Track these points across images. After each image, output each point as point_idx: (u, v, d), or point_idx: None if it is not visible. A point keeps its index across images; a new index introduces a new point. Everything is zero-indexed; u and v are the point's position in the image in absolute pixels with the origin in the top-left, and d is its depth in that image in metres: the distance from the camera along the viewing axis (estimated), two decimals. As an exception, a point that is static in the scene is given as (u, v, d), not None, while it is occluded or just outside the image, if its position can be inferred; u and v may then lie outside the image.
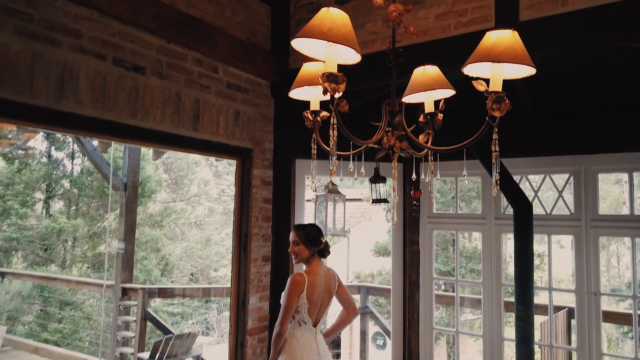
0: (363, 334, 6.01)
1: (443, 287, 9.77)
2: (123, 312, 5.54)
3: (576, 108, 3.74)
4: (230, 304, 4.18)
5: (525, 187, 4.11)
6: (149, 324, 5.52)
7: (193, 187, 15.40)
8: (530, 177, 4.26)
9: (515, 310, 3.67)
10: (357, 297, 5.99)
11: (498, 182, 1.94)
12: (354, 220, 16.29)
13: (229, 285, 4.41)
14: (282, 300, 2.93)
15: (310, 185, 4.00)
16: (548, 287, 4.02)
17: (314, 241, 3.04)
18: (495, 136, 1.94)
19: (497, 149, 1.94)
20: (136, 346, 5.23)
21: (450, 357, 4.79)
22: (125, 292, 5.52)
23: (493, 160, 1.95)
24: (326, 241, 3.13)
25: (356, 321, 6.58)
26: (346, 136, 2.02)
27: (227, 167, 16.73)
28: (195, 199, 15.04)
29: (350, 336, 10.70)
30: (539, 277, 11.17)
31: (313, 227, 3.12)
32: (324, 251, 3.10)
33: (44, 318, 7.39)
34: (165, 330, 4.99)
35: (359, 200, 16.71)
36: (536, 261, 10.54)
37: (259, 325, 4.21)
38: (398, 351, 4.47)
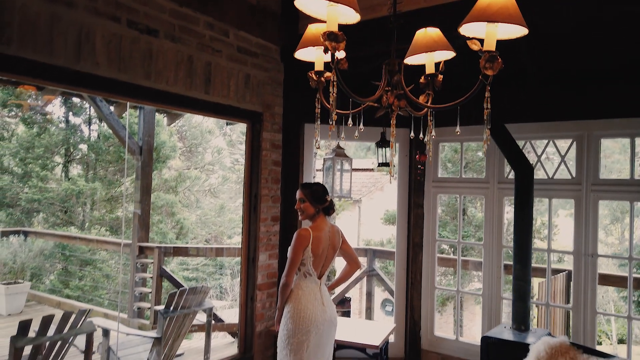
0: (369, 295, 6.22)
1: (452, 255, 9.93)
2: (140, 270, 5.83)
3: (581, 74, 3.76)
4: (241, 261, 4.38)
5: (529, 153, 4.20)
6: (164, 281, 5.81)
7: (207, 155, 15.60)
8: (534, 142, 4.32)
9: (513, 269, 3.82)
10: (364, 260, 6.18)
11: (488, 137, 2.05)
12: (366, 190, 16.43)
13: (239, 246, 4.61)
14: (289, 254, 3.10)
15: (315, 144, 4.13)
16: (547, 249, 4.14)
17: (319, 199, 3.19)
18: (487, 94, 2.04)
19: (489, 106, 2.04)
20: (153, 301, 5.53)
21: (457, 324, 4.99)
22: (142, 251, 5.79)
23: (485, 117, 2.05)
24: (331, 199, 3.27)
25: (364, 283, 6.80)
26: (346, 93, 2.13)
27: (241, 137, 16.85)
28: (209, 167, 15.26)
29: (360, 302, 10.99)
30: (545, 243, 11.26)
31: (318, 185, 3.26)
32: (329, 209, 3.24)
33: (65, 275, 7.77)
34: (180, 287, 5.25)
35: (371, 170, 16.79)
36: (545, 232, 10.62)
37: (268, 281, 4.42)
38: (401, 309, 4.67)
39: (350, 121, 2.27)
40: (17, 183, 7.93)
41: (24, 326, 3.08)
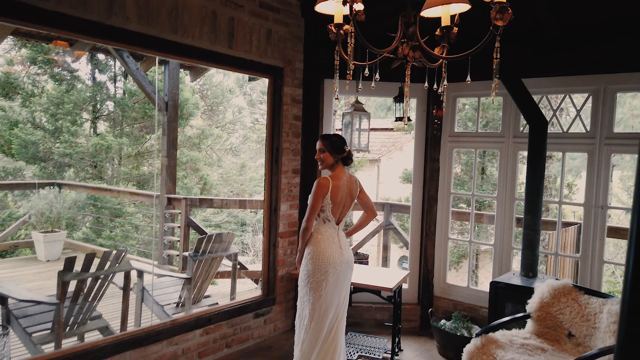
0: (385, 247, 6.47)
1: (467, 208, 10.07)
2: (169, 220, 6.16)
3: (598, 28, 3.77)
4: (264, 211, 4.63)
5: (546, 109, 4.26)
6: (191, 231, 6.15)
7: (228, 114, 15.77)
8: (551, 97, 4.37)
9: (524, 219, 3.97)
10: (380, 214, 6.39)
11: (497, 85, 2.17)
12: (385, 149, 16.49)
13: (262, 198, 4.84)
14: (309, 200, 3.30)
15: (334, 96, 4.26)
16: (558, 201, 4.27)
17: (338, 149, 3.36)
18: (497, 45, 2.15)
19: (498, 56, 2.15)
20: (181, 248, 5.88)
21: (469, 273, 5.17)
22: (169, 202, 6.10)
23: (494, 67, 2.17)
24: (349, 150, 3.44)
25: (381, 236, 7.04)
26: (363, 44, 2.26)
27: (261, 96, 16.93)
28: (230, 126, 15.45)
29: (377, 260, 11.32)
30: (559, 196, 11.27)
31: (337, 137, 3.42)
32: (347, 159, 3.42)
33: (98, 225, 8.22)
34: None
35: (390, 130, 16.77)
36: (565, 190, 10.64)
37: (289, 230, 4.67)
38: (415, 258, 4.89)
39: (367, 71, 2.40)
40: (49, 138, 8.28)
41: (70, 262, 3.41)
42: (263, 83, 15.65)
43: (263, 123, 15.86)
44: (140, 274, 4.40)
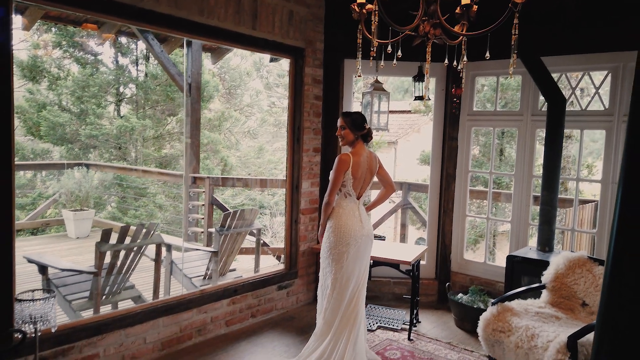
0: (403, 225, 6.60)
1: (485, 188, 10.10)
2: (193, 198, 6.37)
3: (618, 5, 3.78)
4: (286, 188, 4.78)
5: (565, 88, 4.29)
6: (215, 209, 6.35)
7: (245, 97, 15.90)
8: (570, 75, 4.39)
9: (541, 195, 4.06)
10: (399, 193, 6.51)
11: (514, 62, 2.26)
12: (402, 132, 16.48)
13: (283, 177, 4.99)
14: (330, 176, 3.43)
15: (356, 74, 4.35)
16: (576, 178, 4.33)
17: (359, 126, 3.47)
18: (515, 21, 2.23)
19: (517, 32, 2.24)
20: (205, 225, 6.09)
21: (486, 249, 5.24)
22: (194, 181, 6.30)
23: (512, 43, 2.26)
24: (369, 127, 3.55)
25: (399, 215, 7.16)
26: (386, 22, 2.36)
27: (277, 79, 17.00)
28: (247, 109, 15.60)
29: (394, 241, 11.46)
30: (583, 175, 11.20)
31: (358, 114, 3.54)
32: (367, 136, 3.53)
33: (124, 204, 8.51)
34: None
35: (408, 112, 16.72)
36: (585, 172, 10.59)
37: (310, 207, 4.83)
38: (433, 234, 5.01)
39: (389, 48, 2.50)
40: (75, 120, 8.54)
41: (106, 234, 3.62)
42: (280, 66, 15.71)
43: (280, 106, 15.99)
44: (169, 248, 4.61)
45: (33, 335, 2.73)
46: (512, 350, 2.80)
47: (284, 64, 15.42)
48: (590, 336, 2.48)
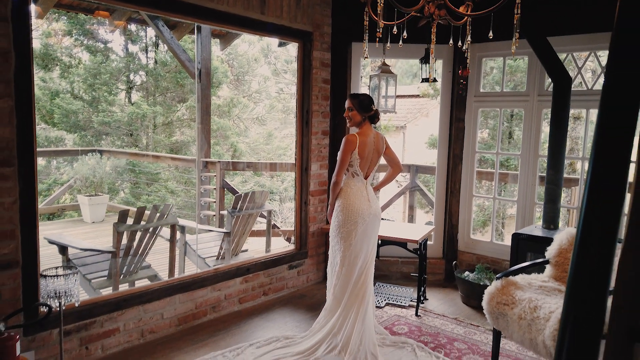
0: (411, 207, 6.69)
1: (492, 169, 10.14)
2: (205, 182, 6.51)
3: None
4: (295, 170, 4.88)
5: (571, 70, 4.31)
6: (226, 193, 6.48)
7: (253, 83, 15.93)
8: (576, 55, 4.42)
9: (547, 174, 4.12)
10: (407, 175, 6.59)
11: (517, 40, 2.33)
12: (411, 116, 16.46)
13: (292, 161, 5.09)
14: (338, 156, 3.52)
15: (363, 55, 4.40)
16: (581, 157, 4.38)
17: (366, 108, 3.55)
18: (518, 0, 2.29)
19: (519, 11, 2.30)
20: (217, 208, 6.23)
21: (493, 228, 5.32)
22: (205, 165, 6.43)
23: (515, 22, 2.32)
24: (376, 109, 3.62)
25: (407, 197, 7.25)
26: (392, 4, 2.43)
27: (285, 65, 17.00)
28: (256, 95, 15.64)
29: (403, 220, 11.56)
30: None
31: (365, 96, 3.61)
32: (374, 117, 3.61)
33: (137, 189, 8.68)
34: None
35: (417, 96, 16.67)
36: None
37: (319, 189, 4.93)
38: (440, 215, 5.10)
39: (395, 29, 2.57)
40: (87, 107, 8.68)
41: (123, 215, 3.75)
42: (287, 52, 15.69)
43: (288, 92, 16.01)
44: (183, 229, 4.75)
45: (58, 309, 2.89)
46: (516, 321, 2.90)
47: (291, 49, 15.41)
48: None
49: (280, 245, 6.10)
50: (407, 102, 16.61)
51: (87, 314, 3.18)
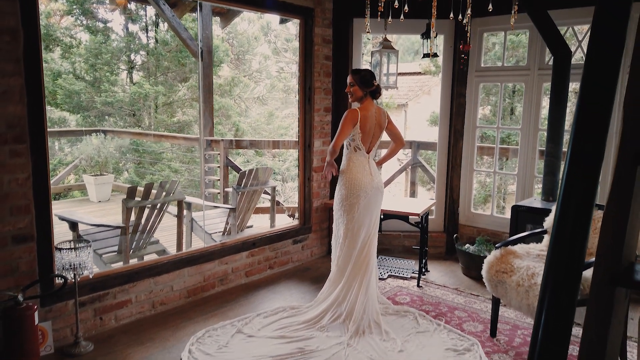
0: (413, 184, 6.77)
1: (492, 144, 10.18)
2: (209, 160, 6.59)
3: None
4: (298, 147, 4.95)
5: (573, 45, 4.33)
6: (230, 171, 6.57)
7: (254, 63, 15.86)
8: (576, 28, 4.43)
9: (546, 147, 4.19)
10: (408, 151, 6.65)
11: (515, 12, 2.37)
12: (412, 94, 16.41)
13: (295, 139, 5.16)
14: (339, 127, 3.55)
15: (365, 29, 4.42)
16: (580, 131, 4.43)
17: (367, 83, 3.60)
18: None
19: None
20: (221, 186, 6.33)
21: (493, 201, 5.37)
22: (209, 144, 6.50)
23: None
24: (378, 84, 3.67)
25: (408, 173, 7.32)
26: (393, -22, 2.46)
27: (285, 44, 16.89)
28: (256, 75, 15.59)
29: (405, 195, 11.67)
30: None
31: (367, 71, 3.65)
32: (376, 92, 3.66)
33: (141, 169, 8.78)
34: (244, 173, 5.99)
35: (418, 73, 16.60)
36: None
37: (322, 165, 5.00)
38: (441, 189, 5.19)
39: (396, 3, 2.61)
40: (90, 88, 8.71)
41: (132, 191, 3.85)
42: (287, 30, 15.57)
43: (288, 71, 15.94)
44: (189, 206, 4.85)
45: (73, 281, 3.00)
46: (514, 288, 3.01)
47: (292, 27, 15.28)
48: (586, 272, 2.67)
49: (284, 222, 6.20)
50: (409, 79, 16.54)
51: (100, 286, 3.30)
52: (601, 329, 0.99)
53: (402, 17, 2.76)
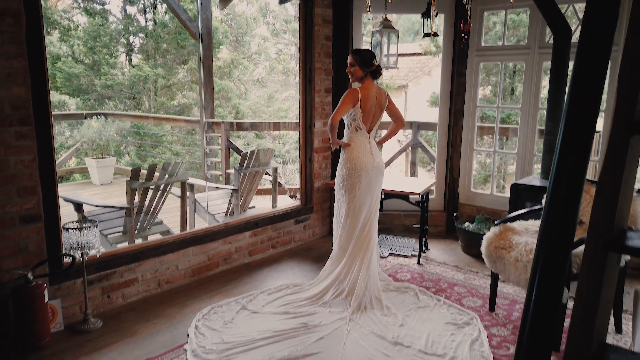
0: (413, 164, 6.81)
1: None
2: (210, 143, 6.62)
3: None
4: (299, 128, 4.98)
5: (573, 24, 4.32)
6: (231, 153, 6.60)
7: (253, 44, 15.75)
8: (577, 6, 4.42)
9: (545, 126, 4.22)
10: (409, 131, 6.67)
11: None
12: (412, 75, 16.35)
13: (295, 120, 5.17)
14: (338, 104, 3.58)
15: (366, 8, 4.41)
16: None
17: (368, 63, 3.61)
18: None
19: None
20: (223, 168, 6.37)
21: (492, 180, 5.43)
22: (210, 126, 6.52)
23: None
24: (378, 64, 3.69)
25: (409, 154, 7.36)
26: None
27: (284, 25, 16.75)
28: (255, 57, 15.50)
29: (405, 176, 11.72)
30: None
31: (367, 51, 3.67)
32: (376, 72, 3.67)
33: (143, 151, 8.81)
34: (245, 155, 6.02)
35: (419, 54, 16.50)
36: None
37: (323, 146, 5.04)
38: (441, 169, 5.23)
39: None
40: (89, 71, 8.69)
41: (135, 172, 3.89)
42: (286, 11, 15.42)
43: (287, 53, 15.83)
44: (192, 187, 4.90)
45: (81, 259, 3.07)
46: (512, 264, 3.07)
47: (290, 8, 15.14)
48: (581, 247, 2.73)
49: (286, 203, 6.26)
50: (409, 60, 16.45)
51: (107, 265, 3.36)
52: (593, 291, 1.05)
53: (402, -5, 2.76)
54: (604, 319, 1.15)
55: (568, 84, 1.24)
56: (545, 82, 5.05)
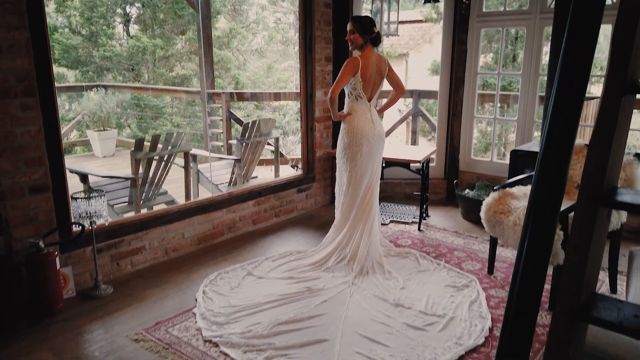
0: (414, 133, 6.83)
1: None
2: (212, 114, 6.63)
3: None
4: (300, 98, 4.99)
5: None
6: (232, 124, 6.62)
7: (251, 13, 15.50)
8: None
9: (545, 92, 4.22)
10: (409, 100, 6.66)
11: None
12: (413, 43, 16.14)
13: (296, 90, 5.17)
14: (338, 75, 3.59)
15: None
16: (581, 75, 4.46)
17: (367, 30, 3.60)
18: None
19: None
20: (224, 139, 6.41)
21: (492, 147, 5.47)
22: (210, 97, 6.52)
23: None
24: (378, 31, 3.67)
25: (409, 123, 7.37)
26: None
27: (282, -8, 16.43)
28: (254, 26, 15.27)
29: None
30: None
31: (367, 18, 3.65)
32: (376, 39, 3.66)
33: (144, 123, 8.83)
34: (246, 126, 6.04)
35: (420, 21, 16.25)
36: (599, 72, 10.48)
37: (324, 115, 5.05)
38: (442, 136, 5.26)
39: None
40: (87, 42, 8.62)
41: (139, 142, 3.93)
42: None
43: (286, 22, 15.59)
44: (194, 157, 4.95)
45: (90, 228, 3.15)
46: (511, 228, 3.15)
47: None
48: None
49: (288, 173, 6.33)
50: (410, 28, 16.22)
51: (115, 233, 3.45)
52: (584, 243, 1.11)
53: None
54: (593, 271, 1.22)
55: (560, 57, 1.27)
56: (547, 48, 5.02)
